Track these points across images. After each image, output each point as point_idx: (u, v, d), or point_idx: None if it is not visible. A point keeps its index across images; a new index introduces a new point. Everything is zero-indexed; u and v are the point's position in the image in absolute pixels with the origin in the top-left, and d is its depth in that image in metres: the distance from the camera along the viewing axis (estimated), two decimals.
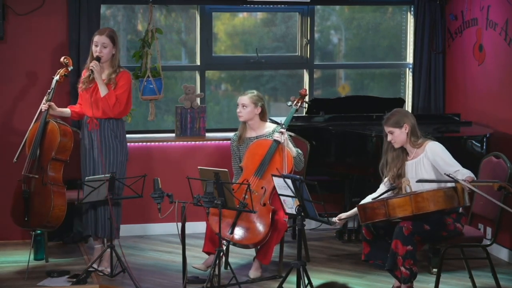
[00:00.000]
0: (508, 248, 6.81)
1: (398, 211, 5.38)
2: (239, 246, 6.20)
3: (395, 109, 5.87)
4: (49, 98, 6.38)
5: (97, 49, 6.26)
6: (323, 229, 7.36)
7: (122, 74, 6.33)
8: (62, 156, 6.42)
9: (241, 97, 6.42)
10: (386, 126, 5.71)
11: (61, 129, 6.41)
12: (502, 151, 6.04)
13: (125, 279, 6.12)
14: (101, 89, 6.24)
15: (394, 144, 5.69)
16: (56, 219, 6.37)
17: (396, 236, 5.43)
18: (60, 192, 6.37)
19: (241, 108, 6.39)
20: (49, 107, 6.36)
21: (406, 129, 5.64)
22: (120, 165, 6.35)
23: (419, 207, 5.36)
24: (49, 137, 6.41)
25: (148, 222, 7.51)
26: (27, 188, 6.38)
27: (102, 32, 6.30)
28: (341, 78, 8.35)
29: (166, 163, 7.48)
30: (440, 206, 5.38)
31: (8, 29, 7.12)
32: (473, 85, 7.44)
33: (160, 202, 5.65)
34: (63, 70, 6.49)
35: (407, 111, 5.80)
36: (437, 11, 7.76)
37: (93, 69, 6.18)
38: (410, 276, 5.44)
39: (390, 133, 5.69)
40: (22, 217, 6.41)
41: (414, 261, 5.42)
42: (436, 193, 5.38)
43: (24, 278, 6.22)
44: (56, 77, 6.47)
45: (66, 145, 6.42)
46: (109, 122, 6.33)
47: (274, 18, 8.02)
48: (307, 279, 5.50)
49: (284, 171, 6.12)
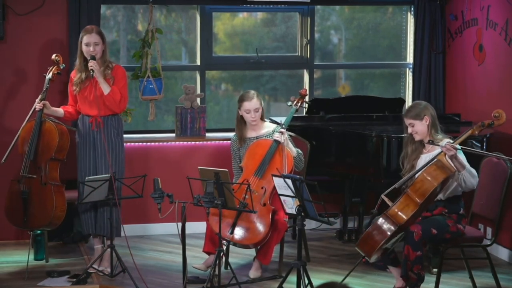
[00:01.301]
0: (508, 248, 6.82)
1: (405, 212, 5.39)
2: (239, 246, 6.19)
3: (415, 101, 5.90)
4: (43, 97, 6.35)
5: (89, 48, 6.22)
6: (323, 229, 7.38)
7: (117, 68, 6.31)
8: (60, 155, 6.41)
9: (250, 101, 6.33)
10: (406, 118, 5.72)
11: (58, 128, 6.39)
12: (502, 151, 6.05)
13: (125, 279, 6.12)
14: (104, 87, 6.21)
15: (416, 136, 5.70)
16: (58, 219, 6.37)
17: (408, 242, 5.44)
18: (60, 191, 6.37)
19: (254, 113, 6.35)
20: (44, 106, 6.34)
21: (426, 121, 5.66)
22: (122, 163, 6.36)
23: (422, 192, 5.37)
24: (46, 137, 6.38)
25: (148, 222, 7.51)
26: (26, 188, 6.36)
27: (90, 31, 6.24)
28: (341, 78, 8.36)
29: (166, 163, 7.48)
30: (440, 178, 5.39)
31: (8, 29, 7.12)
32: (473, 85, 7.44)
33: (160, 202, 5.65)
34: (55, 68, 6.46)
35: (427, 103, 5.77)
36: (437, 11, 7.76)
37: (94, 69, 6.16)
38: (417, 280, 5.48)
39: (410, 126, 5.70)
40: (20, 218, 6.38)
41: (422, 266, 5.45)
42: (429, 169, 5.41)
43: (24, 278, 6.22)
44: (48, 75, 6.43)
45: (64, 145, 6.41)
46: (112, 120, 6.32)
47: (274, 18, 8.02)
48: (307, 279, 5.51)
49: (284, 171, 6.12)
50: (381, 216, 5.45)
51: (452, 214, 5.63)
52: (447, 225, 5.56)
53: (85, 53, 6.23)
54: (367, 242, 5.45)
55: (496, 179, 5.75)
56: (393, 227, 5.40)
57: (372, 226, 5.46)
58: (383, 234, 5.41)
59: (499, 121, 5.58)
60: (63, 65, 6.53)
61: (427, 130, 5.68)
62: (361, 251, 5.52)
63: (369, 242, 5.45)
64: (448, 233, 5.56)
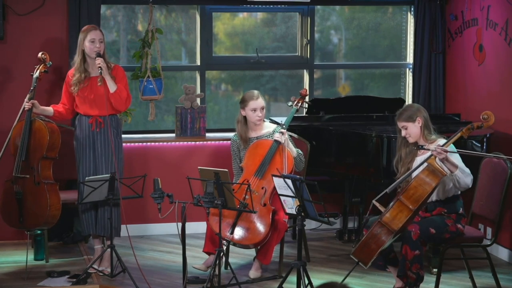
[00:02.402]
0: (508, 248, 6.82)
1: (399, 218, 5.38)
2: (239, 246, 6.19)
3: (407, 104, 5.90)
4: (31, 96, 6.33)
5: (95, 45, 6.21)
6: (323, 229, 7.38)
7: (116, 68, 6.32)
8: (52, 154, 6.39)
9: (257, 100, 6.34)
10: (399, 121, 5.72)
11: (48, 127, 6.37)
12: (502, 151, 6.05)
13: (125, 279, 6.12)
14: (110, 85, 6.19)
15: (409, 138, 5.70)
16: (53, 218, 6.36)
17: (405, 241, 5.44)
18: (54, 189, 6.35)
19: (261, 111, 6.36)
20: (32, 105, 6.32)
21: (419, 122, 5.66)
22: (121, 163, 6.36)
23: (416, 199, 5.37)
24: (36, 136, 6.36)
25: (148, 222, 7.52)
26: (19, 189, 6.34)
27: (93, 28, 6.25)
28: (341, 78, 8.36)
29: (166, 163, 7.48)
30: (433, 183, 5.39)
31: (8, 29, 7.12)
32: (473, 85, 7.44)
33: (160, 202, 5.65)
34: (42, 66, 6.44)
35: (419, 106, 5.80)
36: (437, 11, 7.76)
37: (102, 66, 6.14)
38: (416, 280, 5.46)
39: (403, 128, 5.70)
40: (16, 218, 6.37)
41: (421, 265, 5.44)
42: (421, 175, 5.41)
43: (23, 278, 6.22)
44: (35, 74, 6.42)
45: (55, 143, 6.39)
46: (112, 120, 6.31)
47: (274, 18, 8.02)
48: (307, 279, 5.51)
49: (285, 172, 6.12)
50: (376, 224, 5.43)
51: (451, 214, 5.63)
52: (446, 225, 5.56)
53: (89, 51, 6.21)
54: (363, 250, 5.44)
55: (496, 179, 5.75)
56: (389, 235, 5.39)
57: (368, 235, 5.44)
58: (379, 243, 5.41)
59: (488, 123, 5.63)
60: (49, 63, 6.51)
61: (420, 132, 5.68)
62: (357, 259, 5.50)
63: (365, 251, 5.44)
64: (448, 233, 5.56)
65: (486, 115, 5.61)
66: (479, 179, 5.84)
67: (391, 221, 5.38)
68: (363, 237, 5.45)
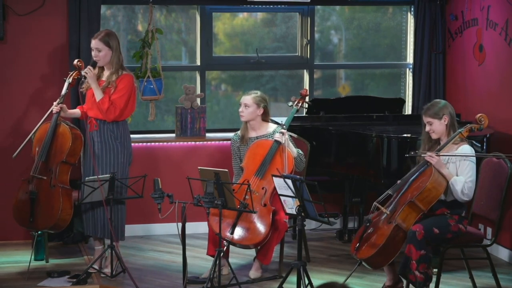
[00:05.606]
0: (508, 248, 6.82)
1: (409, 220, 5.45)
2: (239, 246, 6.19)
3: (435, 99, 5.87)
4: (60, 101, 6.36)
5: (93, 53, 6.28)
6: (323, 229, 7.38)
7: (123, 77, 6.30)
8: (72, 159, 6.39)
9: (244, 96, 6.42)
10: (425, 116, 5.65)
11: (72, 132, 6.38)
12: (502, 151, 6.04)
13: (125, 279, 6.12)
14: (96, 94, 6.23)
15: (432, 134, 5.64)
16: (64, 222, 6.36)
17: (410, 241, 5.42)
18: (68, 194, 6.34)
19: (243, 107, 6.38)
20: (61, 109, 6.35)
21: (445, 120, 5.61)
22: (122, 166, 6.32)
23: (429, 200, 5.44)
24: (60, 140, 6.37)
25: (149, 222, 7.51)
26: (34, 189, 6.35)
27: (96, 36, 6.29)
28: (341, 78, 8.36)
29: (166, 163, 7.48)
30: (444, 183, 5.47)
31: (8, 29, 7.12)
32: (473, 85, 7.44)
33: (160, 202, 5.65)
34: (76, 73, 6.44)
35: (447, 102, 5.72)
36: (437, 11, 7.76)
37: (86, 75, 6.20)
38: (425, 279, 5.43)
39: (428, 124, 5.64)
40: (26, 218, 6.37)
41: (428, 265, 5.42)
42: (433, 178, 5.45)
43: (24, 279, 6.22)
44: (68, 79, 6.43)
45: (76, 149, 6.39)
46: (107, 123, 6.32)
47: (274, 18, 8.02)
48: (307, 279, 5.50)
49: (285, 172, 6.11)
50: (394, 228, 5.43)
51: (454, 215, 5.62)
52: (448, 225, 5.55)
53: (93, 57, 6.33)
54: (381, 254, 5.46)
55: (496, 179, 5.74)
56: (405, 237, 5.43)
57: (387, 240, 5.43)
58: (398, 246, 5.46)
59: (485, 125, 5.68)
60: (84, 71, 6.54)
61: (445, 130, 5.63)
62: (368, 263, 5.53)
63: (383, 254, 5.47)
64: (450, 233, 5.55)
65: (482, 118, 5.65)
66: (479, 179, 5.84)
67: (406, 224, 5.43)
68: (381, 243, 5.45)
